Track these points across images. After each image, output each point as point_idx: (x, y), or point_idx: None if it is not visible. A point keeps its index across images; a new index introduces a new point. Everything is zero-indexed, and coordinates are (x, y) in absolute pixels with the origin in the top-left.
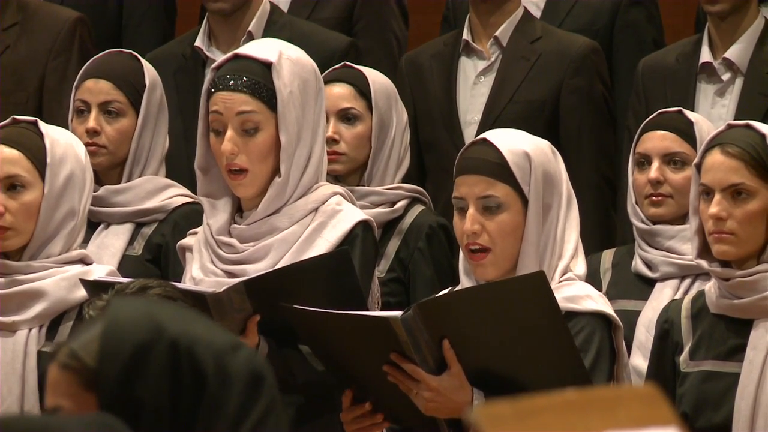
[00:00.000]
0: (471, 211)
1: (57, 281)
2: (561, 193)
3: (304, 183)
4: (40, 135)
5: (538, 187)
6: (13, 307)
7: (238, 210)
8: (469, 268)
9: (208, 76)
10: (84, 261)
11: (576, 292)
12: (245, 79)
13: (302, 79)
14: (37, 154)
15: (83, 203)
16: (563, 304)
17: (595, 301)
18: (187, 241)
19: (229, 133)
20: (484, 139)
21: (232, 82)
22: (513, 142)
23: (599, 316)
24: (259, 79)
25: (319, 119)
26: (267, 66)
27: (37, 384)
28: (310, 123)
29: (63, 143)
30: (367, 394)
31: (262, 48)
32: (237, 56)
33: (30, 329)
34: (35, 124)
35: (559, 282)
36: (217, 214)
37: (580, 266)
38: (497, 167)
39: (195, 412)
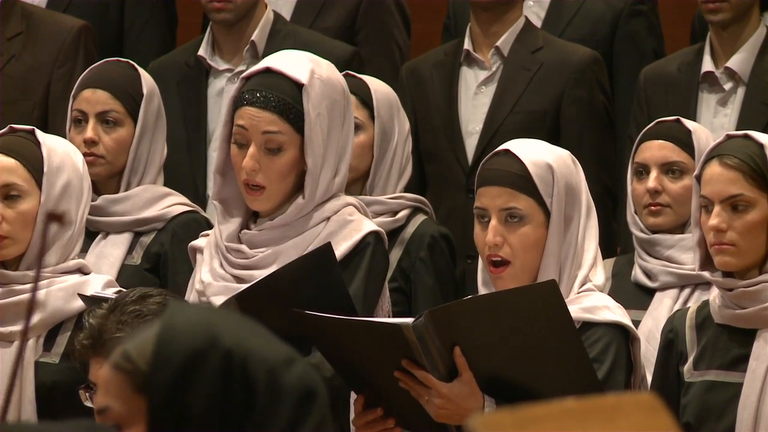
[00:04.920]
0: (493, 222)
1: (54, 291)
2: (581, 203)
3: (324, 198)
4: (37, 144)
5: (560, 199)
6: (11, 317)
7: (252, 214)
8: (489, 279)
9: (236, 85)
10: (82, 270)
11: (594, 303)
12: (274, 97)
13: (331, 100)
14: (34, 162)
15: (80, 212)
16: (581, 315)
17: (612, 311)
18: (199, 242)
19: (252, 149)
20: (507, 150)
21: (261, 99)
22: (536, 154)
23: (617, 327)
24: (288, 100)
25: (347, 139)
26: (298, 86)
27: (35, 394)
28: (335, 144)
29: (60, 152)
30: (379, 400)
31: (294, 65)
32: (268, 70)
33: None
34: (32, 132)
35: (578, 293)
36: (228, 221)
37: (599, 276)
38: (520, 179)
39: (243, 425)
